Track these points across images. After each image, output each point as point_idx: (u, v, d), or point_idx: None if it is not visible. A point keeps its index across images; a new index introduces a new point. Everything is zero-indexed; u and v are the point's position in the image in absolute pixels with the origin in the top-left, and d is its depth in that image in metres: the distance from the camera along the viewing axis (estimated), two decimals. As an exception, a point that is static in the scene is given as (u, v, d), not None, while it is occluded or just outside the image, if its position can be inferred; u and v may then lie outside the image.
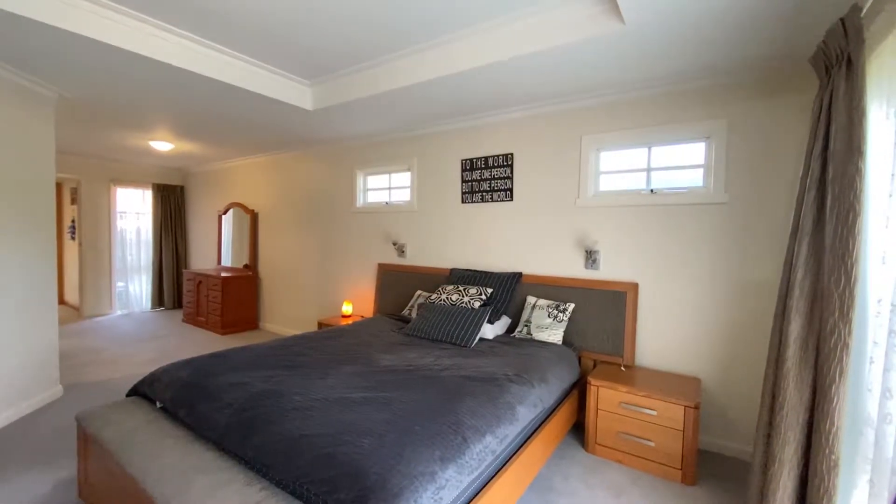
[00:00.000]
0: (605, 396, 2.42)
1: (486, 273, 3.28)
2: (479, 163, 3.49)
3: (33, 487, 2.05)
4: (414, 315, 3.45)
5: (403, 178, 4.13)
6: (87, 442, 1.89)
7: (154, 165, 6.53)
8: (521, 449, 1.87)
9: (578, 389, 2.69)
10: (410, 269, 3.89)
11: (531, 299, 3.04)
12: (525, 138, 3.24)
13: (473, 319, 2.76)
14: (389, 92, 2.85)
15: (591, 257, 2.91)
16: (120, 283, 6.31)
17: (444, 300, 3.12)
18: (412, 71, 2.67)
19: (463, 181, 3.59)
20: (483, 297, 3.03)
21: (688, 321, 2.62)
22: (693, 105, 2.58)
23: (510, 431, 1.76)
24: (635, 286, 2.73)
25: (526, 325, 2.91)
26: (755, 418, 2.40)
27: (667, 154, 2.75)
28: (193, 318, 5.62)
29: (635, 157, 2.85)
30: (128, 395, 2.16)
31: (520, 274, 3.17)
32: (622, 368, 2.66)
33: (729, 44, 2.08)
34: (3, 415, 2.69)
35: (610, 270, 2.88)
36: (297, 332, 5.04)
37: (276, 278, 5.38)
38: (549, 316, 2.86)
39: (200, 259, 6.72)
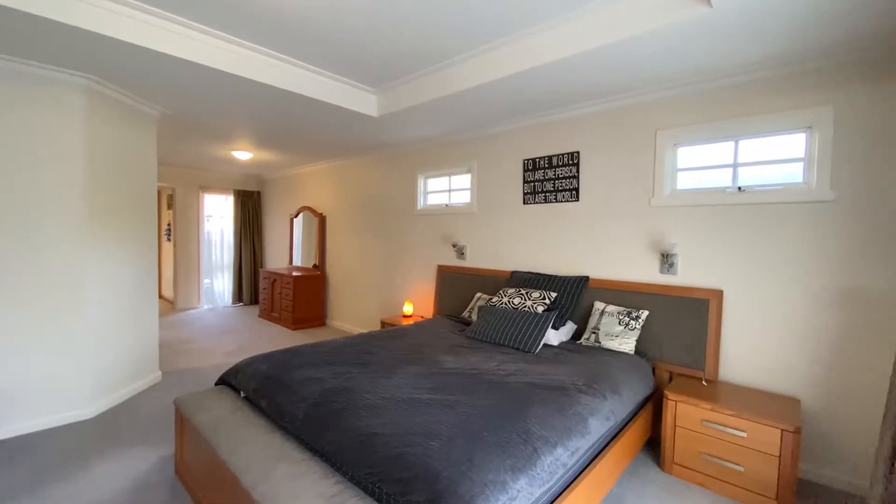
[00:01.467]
0: (684, 413, 2.23)
1: (549, 276, 3.18)
2: (542, 162, 3.39)
3: (137, 463, 2.31)
4: (474, 317, 3.43)
5: (463, 181, 4.13)
6: (183, 424, 2.09)
7: (235, 173, 7.15)
8: (593, 464, 1.78)
9: (653, 403, 2.52)
10: (470, 270, 3.88)
11: (599, 305, 2.90)
12: (593, 135, 3.09)
13: (537, 324, 2.68)
14: (455, 94, 2.85)
15: (667, 261, 2.71)
16: (206, 280, 6.98)
17: (505, 303, 3.07)
18: (480, 71, 2.65)
19: (525, 182, 3.51)
20: (547, 301, 2.93)
21: (783, 335, 2.34)
22: (790, 91, 2.30)
23: (581, 445, 1.67)
24: (719, 293, 2.50)
25: (594, 332, 2.78)
26: (868, 447, 2.09)
27: (757, 147, 2.48)
28: (268, 314, 6.05)
29: (719, 151, 2.61)
30: (216, 384, 2.36)
31: (586, 278, 3.04)
32: (703, 383, 2.44)
33: (836, 21, 1.82)
34: (116, 395, 3.07)
35: (689, 276, 2.66)
36: (362, 329, 5.24)
37: (342, 278, 5.63)
38: (619, 323, 2.70)
39: (274, 259, 7.24)
